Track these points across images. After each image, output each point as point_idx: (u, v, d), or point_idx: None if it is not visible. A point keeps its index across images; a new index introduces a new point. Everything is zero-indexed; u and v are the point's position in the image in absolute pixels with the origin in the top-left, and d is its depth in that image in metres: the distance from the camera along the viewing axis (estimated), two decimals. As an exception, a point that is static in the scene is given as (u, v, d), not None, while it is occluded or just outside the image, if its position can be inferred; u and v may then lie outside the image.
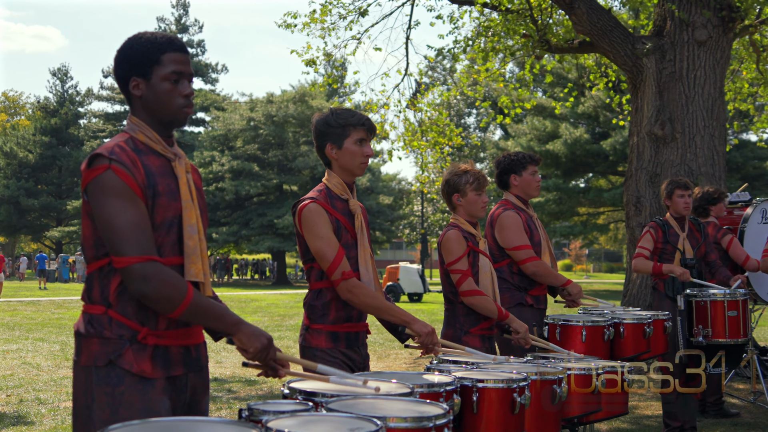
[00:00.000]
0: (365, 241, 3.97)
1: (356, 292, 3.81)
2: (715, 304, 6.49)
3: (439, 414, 2.59)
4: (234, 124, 48.32)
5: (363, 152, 3.96)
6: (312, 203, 3.88)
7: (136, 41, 2.91)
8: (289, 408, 2.60)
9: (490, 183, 5.55)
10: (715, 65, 11.48)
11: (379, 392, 2.82)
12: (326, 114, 4.01)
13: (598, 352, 5.24)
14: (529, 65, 14.92)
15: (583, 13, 11.75)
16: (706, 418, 8.06)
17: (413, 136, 16.27)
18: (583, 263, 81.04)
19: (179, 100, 2.90)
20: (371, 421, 2.36)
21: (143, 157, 2.83)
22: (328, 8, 15.13)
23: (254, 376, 10.90)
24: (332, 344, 3.88)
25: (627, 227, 11.92)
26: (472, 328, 4.88)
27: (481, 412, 3.30)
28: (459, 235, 4.90)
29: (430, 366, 3.77)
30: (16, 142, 59.16)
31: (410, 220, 56.64)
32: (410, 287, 31.05)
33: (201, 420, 2.38)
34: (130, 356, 2.74)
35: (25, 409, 8.44)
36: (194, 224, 2.86)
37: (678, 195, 6.94)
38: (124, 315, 2.76)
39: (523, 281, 5.65)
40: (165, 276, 2.70)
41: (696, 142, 11.31)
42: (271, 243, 46.55)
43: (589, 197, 39.88)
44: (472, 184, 4.94)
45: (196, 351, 2.95)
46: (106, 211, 2.70)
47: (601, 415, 4.53)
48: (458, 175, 4.99)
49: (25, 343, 14.49)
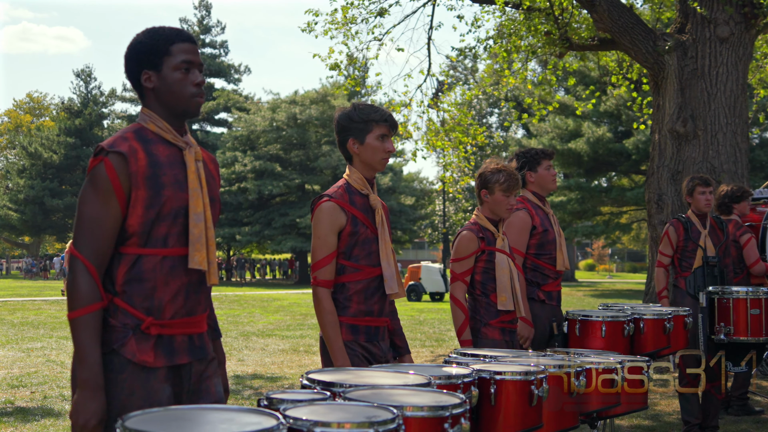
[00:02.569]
0: (386, 235, 4.00)
1: (319, 302, 3.91)
2: (737, 302, 6.44)
3: (455, 403, 2.60)
4: (256, 124, 48.44)
5: (384, 148, 3.98)
6: (327, 202, 3.93)
7: (144, 36, 2.96)
8: (306, 397, 2.63)
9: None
10: (737, 62, 11.41)
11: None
12: (349, 109, 4.04)
13: (618, 348, 5.22)
14: (551, 66, 14.89)
15: (604, 10, 11.72)
16: (729, 414, 8.03)
17: (437, 136, 16.28)
18: (605, 263, 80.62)
19: (190, 89, 2.93)
20: (388, 410, 2.38)
21: (150, 147, 2.87)
22: (348, 8, 15.15)
23: (276, 373, 10.98)
24: (352, 337, 3.91)
25: (649, 225, 11.88)
26: (492, 320, 4.93)
27: (498, 404, 3.31)
28: (471, 237, 4.94)
29: (449, 359, 3.79)
30: (41, 142, 59.64)
31: (432, 219, 56.58)
32: (432, 286, 31.04)
33: (220, 408, 2.40)
34: (133, 345, 2.78)
35: (50, 405, 8.54)
36: (200, 212, 2.88)
37: (699, 192, 6.91)
38: (130, 304, 2.80)
39: (535, 276, 5.66)
40: (78, 280, 2.74)
41: (718, 139, 11.25)
42: (293, 243, 46.63)
43: (611, 196, 39.63)
44: (502, 185, 4.94)
45: (200, 339, 2.97)
46: (81, 198, 2.82)
47: (621, 410, 4.52)
48: (492, 172, 5.00)
49: (49, 341, 14.62)
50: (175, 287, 2.85)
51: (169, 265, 2.84)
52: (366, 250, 3.94)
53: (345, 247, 3.93)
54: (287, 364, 11.92)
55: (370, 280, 3.96)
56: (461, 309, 4.90)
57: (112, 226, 2.79)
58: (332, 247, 3.91)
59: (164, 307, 2.83)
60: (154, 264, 2.82)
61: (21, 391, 9.41)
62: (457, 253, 4.96)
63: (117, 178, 2.78)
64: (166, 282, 2.83)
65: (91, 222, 2.78)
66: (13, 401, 8.76)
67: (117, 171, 2.78)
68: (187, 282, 2.88)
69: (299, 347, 14.19)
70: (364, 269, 3.94)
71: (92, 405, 2.68)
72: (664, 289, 7.00)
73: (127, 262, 2.82)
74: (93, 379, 2.70)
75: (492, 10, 14.85)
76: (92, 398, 2.69)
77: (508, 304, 4.91)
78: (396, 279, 3.98)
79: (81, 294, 2.74)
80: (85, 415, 2.68)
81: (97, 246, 2.78)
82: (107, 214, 2.78)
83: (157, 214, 2.82)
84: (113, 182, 2.78)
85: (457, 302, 4.91)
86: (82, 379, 2.70)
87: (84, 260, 2.75)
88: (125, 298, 2.80)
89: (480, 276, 4.94)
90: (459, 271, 4.94)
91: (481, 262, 4.94)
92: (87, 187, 2.81)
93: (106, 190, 2.78)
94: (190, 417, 2.26)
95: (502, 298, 4.90)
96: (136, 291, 2.80)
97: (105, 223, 2.78)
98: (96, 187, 2.79)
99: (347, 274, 3.93)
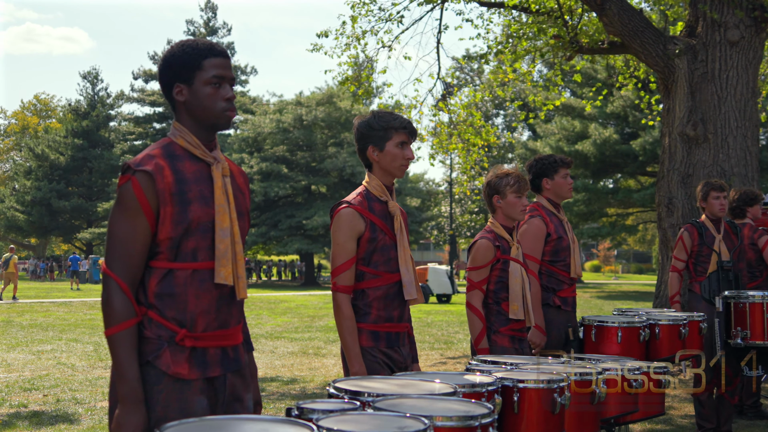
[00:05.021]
0: (405, 241, 4.04)
1: (338, 307, 3.96)
2: (753, 306, 6.44)
3: (484, 413, 2.63)
4: (263, 126, 48.54)
5: (404, 155, 4.02)
6: (346, 209, 3.98)
7: (177, 48, 2.99)
8: (337, 407, 2.65)
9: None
10: (747, 65, 11.41)
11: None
12: (368, 117, 4.07)
13: (634, 353, 5.25)
14: (558, 67, 14.90)
15: (614, 14, 11.73)
16: (743, 419, 8.03)
17: (449, 139, 16.31)
18: (611, 264, 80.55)
19: (221, 104, 2.96)
20: (419, 420, 2.40)
21: (178, 163, 2.91)
22: (357, 18, 15.19)
23: (287, 375, 10.99)
24: (373, 343, 3.94)
25: (659, 228, 11.88)
26: (502, 328, 4.95)
27: (521, 412, 3.33)
28: (488, 246, 4.96)
29: (470, 366, 3.81)
30: (48, 144, 59.80)
31: (438, 221, 56.56)
32: (439, 288, 31.09)
33: (255, 418, 2.43)
34: (168, 357, 2.81)
35: (63, 409, 8.56)
36: (227, 228, 2.91)
37: (713, 197, 6.93)
38: (163, 317, 2.83)
39: (551, 282, 5.67)
40: (112, 298, 2.79)
41: (728, 142, 11.24)
42: (299, 244, 46.70)
43: (618, 198, 39.65)
44: (513, 186, 4.99)
45: (234, 351, 2.99)
46: (111, 217, 2.87)
47: (638, 415, 4.55)
48: (500, 177, 5.05)
49: (59, 344, 14.67)
50: (207, 300, 2.88)
51: (200, 279, 2.87)
52: (385, 256, 3.98)
53: (364, 253, 3.96)
54: (297, 366, 11.93)
55: (389, 286, 3.99)
56: (479, 317, 4.91)
57: (141, 242, 2.83)
58: (351, 253, 3.95)
59: (196, 319, 2.86)
60: (185, 278, 2.85)
61: (34, 395, 9.45)
62: (474, 262, 4.98)
63: (144, 195, 2.82)
64: (197, 295, 2.86)
65: (120, 240, 2.82)
66: (26, 404, 8.80)
67: (144, 189, 2.82)
68: (218, 295, 2.91)
69: (308, 349, 14.21)
70: (383, 275, 3.98)
71: (134, 419, 2.73)
72: (677, 293, 7.02)
73: (158, 275, 2.85)
74: (133, 394, 2.74)
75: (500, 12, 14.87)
76: (133, 412, 2.73)
77: (519, 313, 4.93)
78: (415, 285, 4.02)
79: (116, 311, 2.78)
80: (128, 429, 2.72)
81: (128, 263, 2.82)
82: (136, 231, 2.82)
83: (185, 230, 2.85)
84: (140, 200, 2.82)
85: (475, 310, 4.92)
86: (122, 394, 2.75)
87: (116, 278, 2.80)
88: (158, 311, 2.84)
89: (493, 285, 4.96)
90: (476, 279, 4.95)
91: (496, 271, 4.96)
92: (115, 206, 2.87)
93: (134, 208, 2.82)
94: (226, 427, 2.28)
95: (513, 307, 4.92)
96: (167, 304, 2.84)
97: (134, 240, 2.82)
98: (124, 205, 2.84)
99: (366, 281, 3.97)
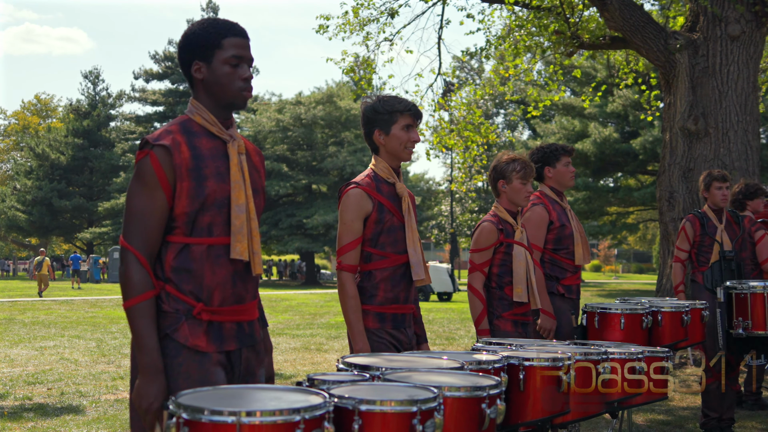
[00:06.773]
0: (413, 222, 4.08)
1: (343, 285, 4.00)
2: (755, 296, 6.46)
3: (492, 384, 2.67)
4: (263, 125, 48.55)
5: (410, 137, 4.07)
6: (354, 189, 4.03)
7: (198, 26, 3.02)
8: (348, 378, 2.69)
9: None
10: (748, 60, 11.44)
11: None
12: (374, 101, 4.12)
13: (637, 340, 5.28)
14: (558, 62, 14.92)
15: (615, 9, 11.76)
16: (743, 409, 8.06)
17: (449, 135, 16.32)
18: (611, 263, 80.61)
19: (238, 83, 2.99)
20: (428, 389, 2.44)
21: (195, 140, 2.95)
22: (359, 9, 15.19)
23: (290, 371, 11.03)
24: (379, 325, 3.98)
25: (660, 222, 11.91)
26: (505, 313, 5.00)
27: (527, 390, 3.36)
28: (492, 228, 5.01)
29: (476, 347, 3.85)
30: (49, 144, 59.74)
31: (438, 220, 56.61)
32: (440, 286, 31.09)
33: (268, 387, 2.47)
34: (186, 330, 2.85)
35: (67, 401, 8.60)
36: (242, 204, 2.94)
37: (716, 187, 6.97)
38: (180, 290, 2.88)
39: (554, 270, 5.72)
40: (130, 270, 2.83)
41: (729, 137, 11.28)
42: (300, 244, 46.71)
43: (618, 196, 39.69)
44: (519, 172, 5.04)
45: (249, 327, 3.03)
46: (129, 191, 2.91)
47: (642, 399, 4.58)
48: (506, 162, 5.10)
49: (61, 340, 14.70)
50: (222, 275, 2.91)
51: (215, 254, 2.91)
52: (392, 237, 4.02)
53: (371, 234, 4.01)
54: (300, 362, 11.98)
55: (396, 267, 4.03)
56: (479, 298, 4.95)
57: (159, 216, 2.87)
58: (357, 233, 4.00)
59: (213, 294, 2.90)
60: (201, 252, 2.89)
61: (38, 388, 9.48)
62: (477, 244, 5.03)
63: (162, 170, 2.85)
64: (213, 270, 2.90)
65: (139, 214, 2.86)
66: (31, 397, 8.83)
67: (162, 163, 2.86)
68: (233, 270, 2.94)
69: (310, 345, 14.25)
70: (390, 256, 4.02)
71: (154, 388, 2.77)
72: (681, 283, 7.05)
73: (175, 250, 2.89)
74: (152, 364, 2.78)
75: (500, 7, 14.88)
76: (153, 382, 2.78)
77: (522, 297, 4.98)
78: (423, 265, 4.06)
79: (134, 283, 2.82)
80: (148, 399, 2.76)
81: (146, 237, 2.86)
82: (154, 205, 2.86)
83: (201, 205, 2.89)
84: (158, 174, 2.85)
85: (476, 292, 4.97)
86: (142, 365, 2.79)
87: (134, 251, 2.83)
88: (175, 286, 2.88)
89: (497, 268, 5.01)
90: (478, 261, 5.00)
91: (499, 254, 5.01)
92: (134, 181, 2.90)
93: (152, 183, 2.86)
94: (240, 395, 2.32)
95: (517, 290, 4.96)
96: (184, 278, 2.88)
97: (152, 214, 2.86)
98: (142, 179, 2.87)
99: (374, 262, 4.01)
